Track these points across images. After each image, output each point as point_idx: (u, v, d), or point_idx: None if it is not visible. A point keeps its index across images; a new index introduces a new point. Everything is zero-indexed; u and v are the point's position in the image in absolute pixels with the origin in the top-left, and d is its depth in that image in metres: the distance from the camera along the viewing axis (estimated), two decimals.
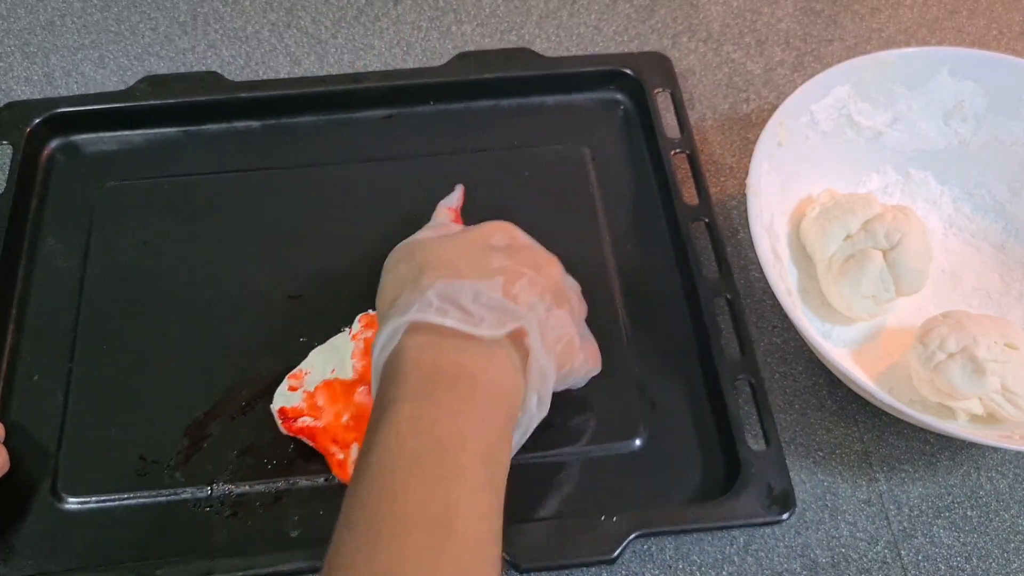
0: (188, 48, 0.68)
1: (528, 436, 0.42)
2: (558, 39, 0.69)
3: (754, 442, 0.49)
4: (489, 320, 0.39)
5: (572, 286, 0.47)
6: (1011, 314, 0.56)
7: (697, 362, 0.53)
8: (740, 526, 0.47)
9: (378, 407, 0.38)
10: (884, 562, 0.49)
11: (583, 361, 0.45)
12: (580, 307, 0.47)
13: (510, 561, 0.45)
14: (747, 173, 0.52)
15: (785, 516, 0.46)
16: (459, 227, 0.49)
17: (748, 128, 0.65)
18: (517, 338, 0.40)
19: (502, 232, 0.45)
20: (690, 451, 0.50)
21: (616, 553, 0.45)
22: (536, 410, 0.41)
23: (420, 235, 0.47)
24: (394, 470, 0.35)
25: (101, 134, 0.61)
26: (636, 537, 0.45)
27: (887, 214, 0.53)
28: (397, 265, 0.44)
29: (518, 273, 0.41)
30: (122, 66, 0.66)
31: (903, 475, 0.51)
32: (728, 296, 0.54)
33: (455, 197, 0.54)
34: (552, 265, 0.45)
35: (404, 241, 0.46)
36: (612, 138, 0.62)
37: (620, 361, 0.52)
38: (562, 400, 0.50)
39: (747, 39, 0.70)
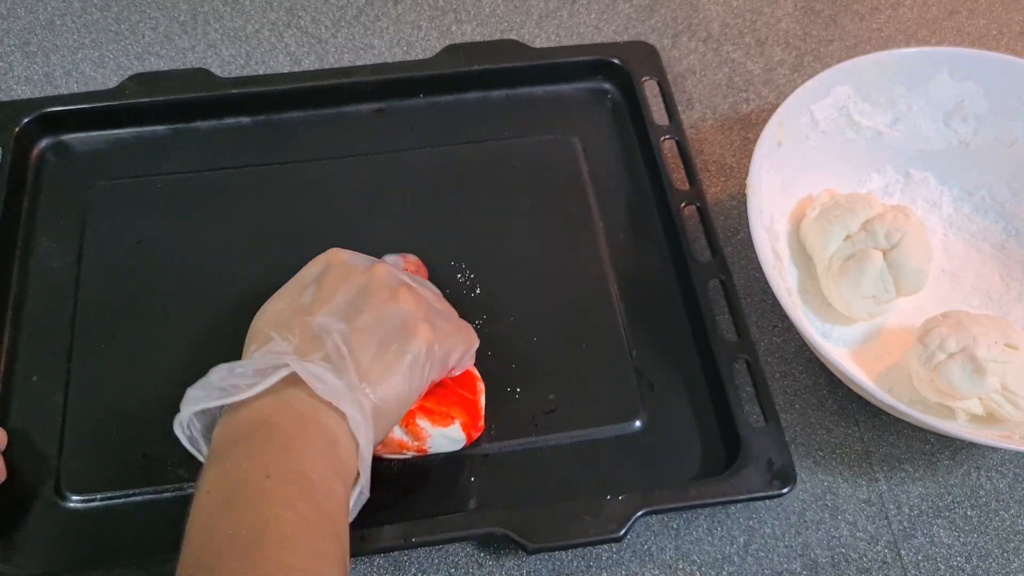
0: (188, 48, 0.68)
1: (381, 438, 0.42)
2: (558, 39, 0.69)
3: (753, 419, 0.49)
4: (243, 384, 0.39)
5: (412, 280, 0.47)
6: (1011, 314, 0.56)
7: (693, 344, 0.53)
8: (743, 500, 0.47)
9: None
10: (884, 562, 0.48)
11: (454, 342, 0.45)
12: (421, 295, 0.46)
13: (519, 542, 0.45)
14: (747, 173, 0.52)
15: (786, 490, 0.47)
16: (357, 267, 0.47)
17: (748, 128, 0.65)
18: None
19: (317, 263, 0.46)
20: (690, 431, 0.51)
21: (623, 531, 0.45)
22: (362, 426, 0.40)
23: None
24: (208, 514, 0.36)
25: (91, 133, 0.61)
26: (643, 515, 0.46)
27: (887, 214, 0.53)
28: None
29: (316, 303, 0.43)
30: (122, 66, 0.66)
31: (903, 475, 0.51)
32: (722, 278, 0.54)
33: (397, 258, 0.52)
34: (376, 267, 0.45)
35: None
36: (602, 127, 0.63)
37: (617, 345, 0.53)
38: (562, 384, 0.51)
39: (747, 39, 0.70)
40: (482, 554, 0.48)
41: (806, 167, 0.57)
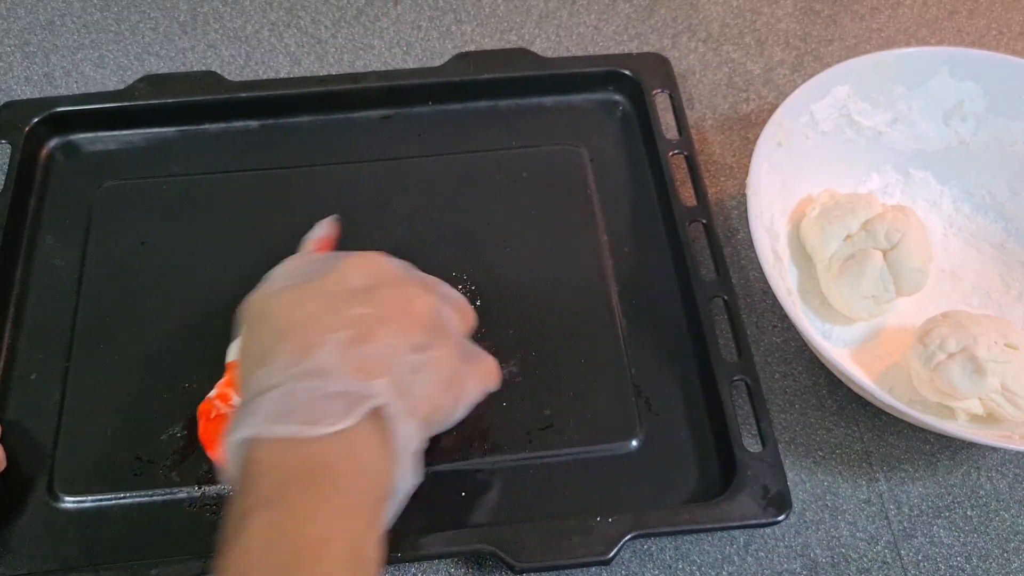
0: (188, 48, 0.68)
1: (405, 503, 0.40)
2: (558, 39, 0.69)
3: (751, 443, 0.49)
4: (334, 411, 0.35)
5: (453, 301, 0.44)
6: (1011, 314, 0.55)
7: (694, 363, 0.53)
8: (736, 527, 0.47)
9: (231, 521, 0.35)
10: (884, 562, 0.48)
11: (471, 390, 0.43)
12: (462, 325, 0.44)
13: (506, 561, 0.45)
14: (747, 173, 0.52)
15: (781, 518, 0.46)
16: (319, 256, 0.45)
17: (748, 128, 0.65)
18: (378, 411, 0.37)
19: (362, 269, 0.41)
20: (686, 452, 0.50)
21: (612, 554, 0.45)
22: (410, 481, 0.39)
23: (279, 273, 0.43)
24: None
25: (99, 133, 0.61)
26: (632, 538, 0.45)
27: (887, 214, 0.53)
28: (256, 323, 0.40)
29: (377, 323, 0.38)
30: (122, 66, 0.66)
31: (903, 475, 0.51)
32: (725, 297, 0.53)
33: (321, 230, 0.51)
34: (421, 298, 0.41)
35: (261, 288, 0.42)
36: (611, 139, 0.62)
37: (616, 362, 0.52)
38: (559, 400, 0.51)
39: (747, 39, 0.70)
40: (480, 562, 0.48)
41: (806, 167, 0.57)
